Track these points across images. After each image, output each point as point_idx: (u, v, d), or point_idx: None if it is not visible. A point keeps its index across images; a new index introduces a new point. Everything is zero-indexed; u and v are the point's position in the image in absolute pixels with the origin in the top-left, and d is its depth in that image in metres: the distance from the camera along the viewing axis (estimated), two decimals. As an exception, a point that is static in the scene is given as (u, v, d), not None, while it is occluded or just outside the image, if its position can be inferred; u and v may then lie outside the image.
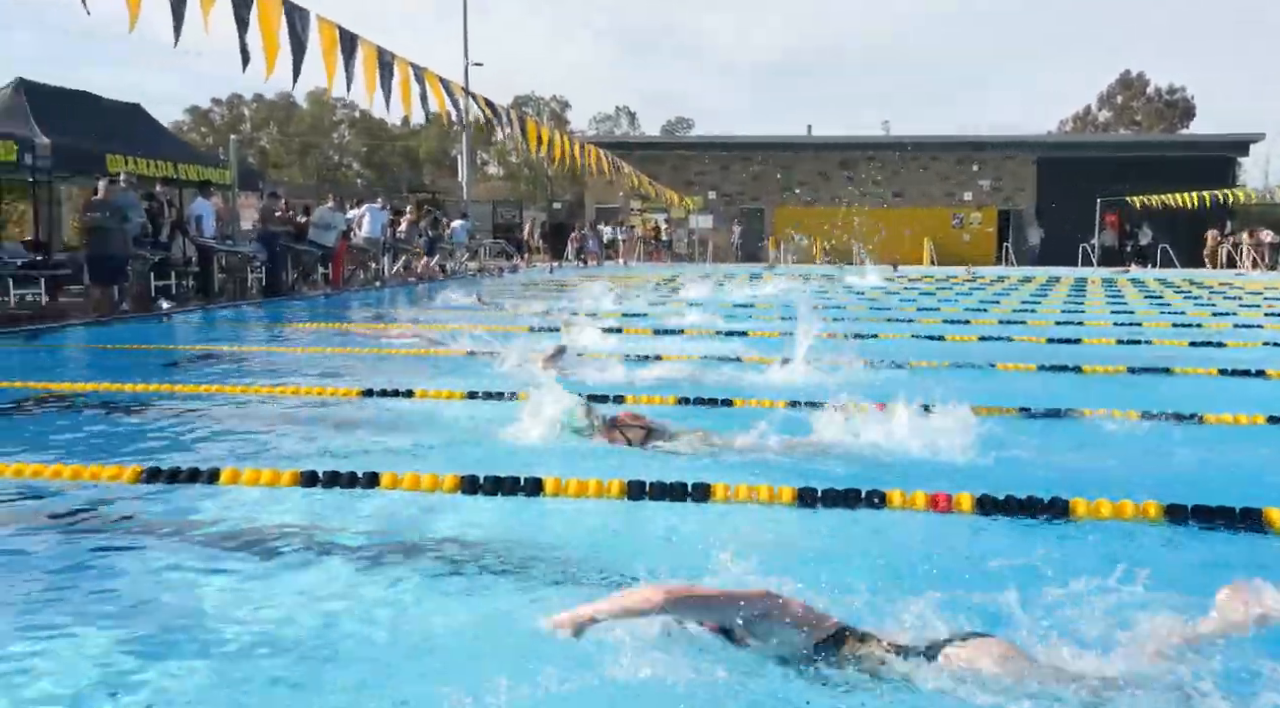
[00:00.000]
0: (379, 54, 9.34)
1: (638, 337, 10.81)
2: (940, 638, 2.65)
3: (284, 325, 12.28)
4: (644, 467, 4.84)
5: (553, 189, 61.39)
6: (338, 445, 5.65)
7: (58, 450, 5.39)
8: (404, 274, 21.70)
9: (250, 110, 66.81)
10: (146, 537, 4.13)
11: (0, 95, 15.07)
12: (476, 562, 3.72)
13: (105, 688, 2.76)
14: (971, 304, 16.63)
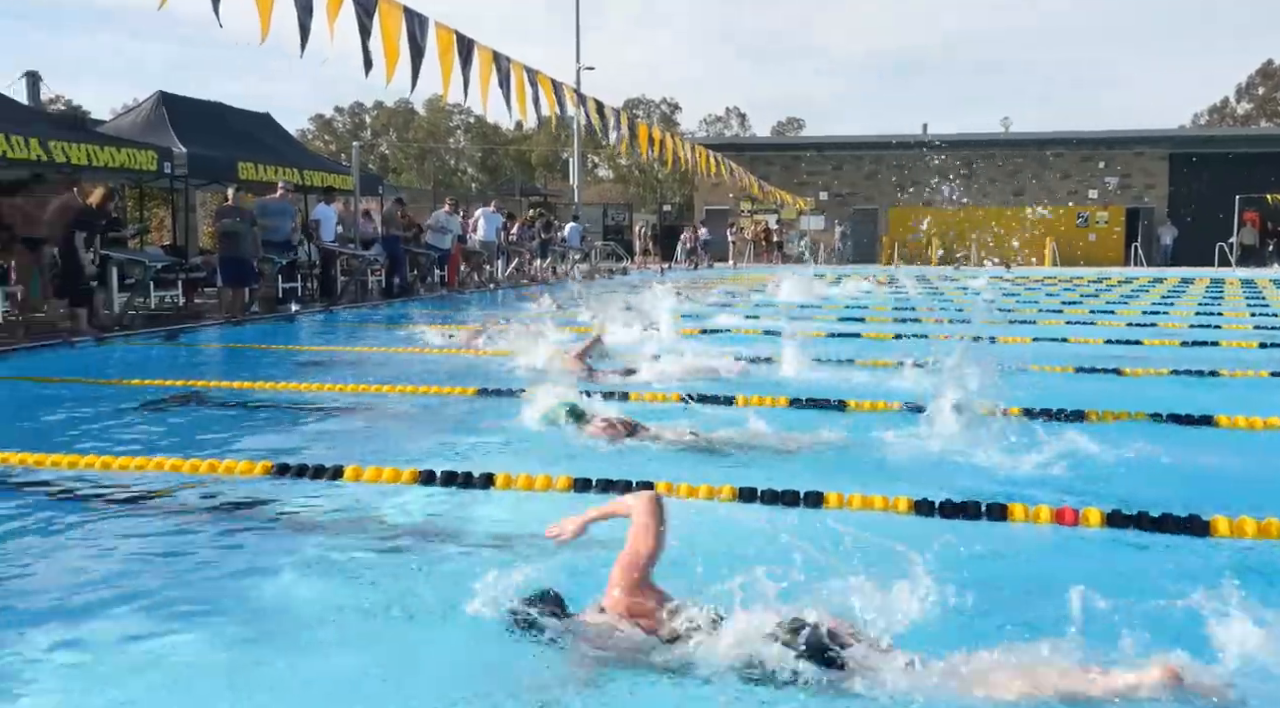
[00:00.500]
0: (494, 59, 9.52)
1: (748, 336, 10.73)
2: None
3: (403, 326, 12.62)
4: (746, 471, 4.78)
5: (662, 192, 61.59)
6: (455, 444, 5.77)
7: (194, 446, 5.64)
8: (516, 276, 22.06)
9: (370, 117, 69.10)
10: (275, 528, 4.28)
11: (143, 108, 15.95)
12: (590, 561, 3.72)
13: (233, 669, 2.86)
14: (1098, 305, 15.96)
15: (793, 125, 70.45)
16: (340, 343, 10.86)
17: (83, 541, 4.11)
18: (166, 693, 2.79)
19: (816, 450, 5.36)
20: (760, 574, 2.79)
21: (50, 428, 6.28)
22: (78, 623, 3.19)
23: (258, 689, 2.80)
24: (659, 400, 6.66)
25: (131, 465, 5.07)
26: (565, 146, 52.92)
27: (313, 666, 2.94)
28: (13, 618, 3.25)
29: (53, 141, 11.80)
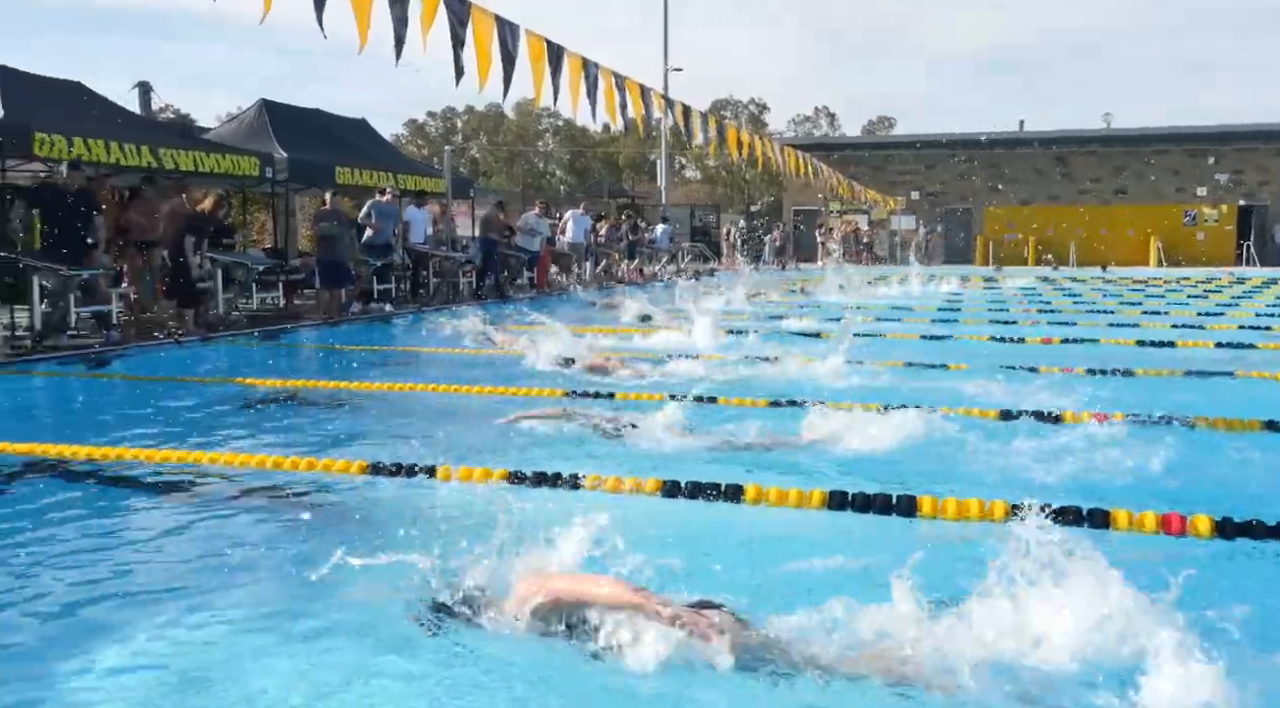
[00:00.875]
0: (583, 64, 9.60)
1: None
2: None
3: (496, 327, 12.81)
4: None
5: (750, 193, 61.27)
6: (543, 444, 5.83)
7: (292, 443, 5.82)
8: (604, 278, 22.21)
9: (462, 121, 70.37)
10: (369, 525, 4.39)
11: (246, 115, 16.54)
12: (668, 566, 3.72)
13: (320, 659, 2.94)
14: (1207, 307, 15.32)
15: (883, 124, 69.35)
16: (431, 344, 11.05)
17: (185, 533, 4.28)
18: (259, 682, 2.88)
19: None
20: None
21: (158, 424, 6.55)
22: (179, 611, 3.32)
23: (345, 683, 2.87)
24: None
25: (236, 461, 5.26)
26: (653, 148, 53.07)
27: (405, 664, 3.00)
28: (118, 606, 3.40)
29: (162, 148, 12.32)
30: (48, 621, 3.33)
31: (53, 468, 5.30)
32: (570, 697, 2.79)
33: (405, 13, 6.38)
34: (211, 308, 12.53)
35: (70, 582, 3.66)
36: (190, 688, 2.84)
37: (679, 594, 3.03)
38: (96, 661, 2.99)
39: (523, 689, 2.81)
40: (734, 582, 3.43)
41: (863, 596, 2.98)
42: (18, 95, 11.30)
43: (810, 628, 2.88)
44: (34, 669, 2.94)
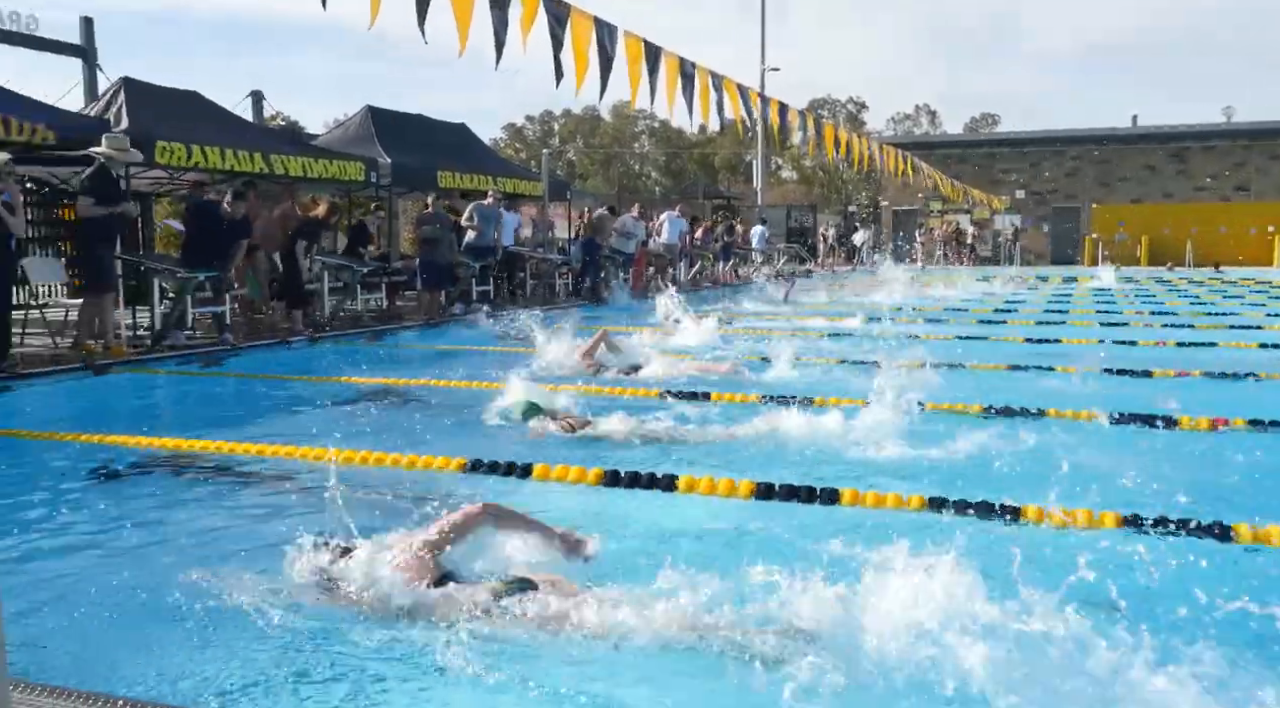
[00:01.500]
0: (680, 65, 9.59)
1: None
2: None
3: (594, 328, 12.90)
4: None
5: (847, 193, 60.42)
6: (639, 445, 5.83)
7: (392, 440, 5.94)
8: (699, 280, 22.16)
9: (559, 125, 71.15)
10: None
11: (352, 122, 17.02)
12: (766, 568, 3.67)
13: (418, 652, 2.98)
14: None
15: (987, 121, 67.55)
16: (528, 343, 11.15)
17: (284, 520, 4.40)
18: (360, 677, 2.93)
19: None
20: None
21: (267, 420, 6.78)
22: (274, 591, 3.42)
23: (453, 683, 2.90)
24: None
25: (340, 457, 5.40)
26: (749, 149, 52.77)
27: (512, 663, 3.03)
28: (223, 593, 3.51)
29: (273, 155, 12.75)
30: (162, 598, 3.45)
31: (167, 461, 5.52)
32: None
33: (506, 16, 6.47)
34: (318, 309, 12.93)
35: (180, 566, 3.80)
36: (290, 677, 2.91)
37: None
38: (207, 639, 3.10)
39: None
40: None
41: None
42: (141, 106, 11.85)
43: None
44: (149, 645, 3.06)
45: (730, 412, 6.47)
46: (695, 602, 3.12)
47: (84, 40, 16.31)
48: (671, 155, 69.35)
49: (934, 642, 2.71)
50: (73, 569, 3.84)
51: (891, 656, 2.73)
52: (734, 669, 2.86)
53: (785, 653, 2.87)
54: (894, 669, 2.69)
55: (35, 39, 15.56)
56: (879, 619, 2.84)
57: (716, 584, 3.23)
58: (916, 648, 2.71)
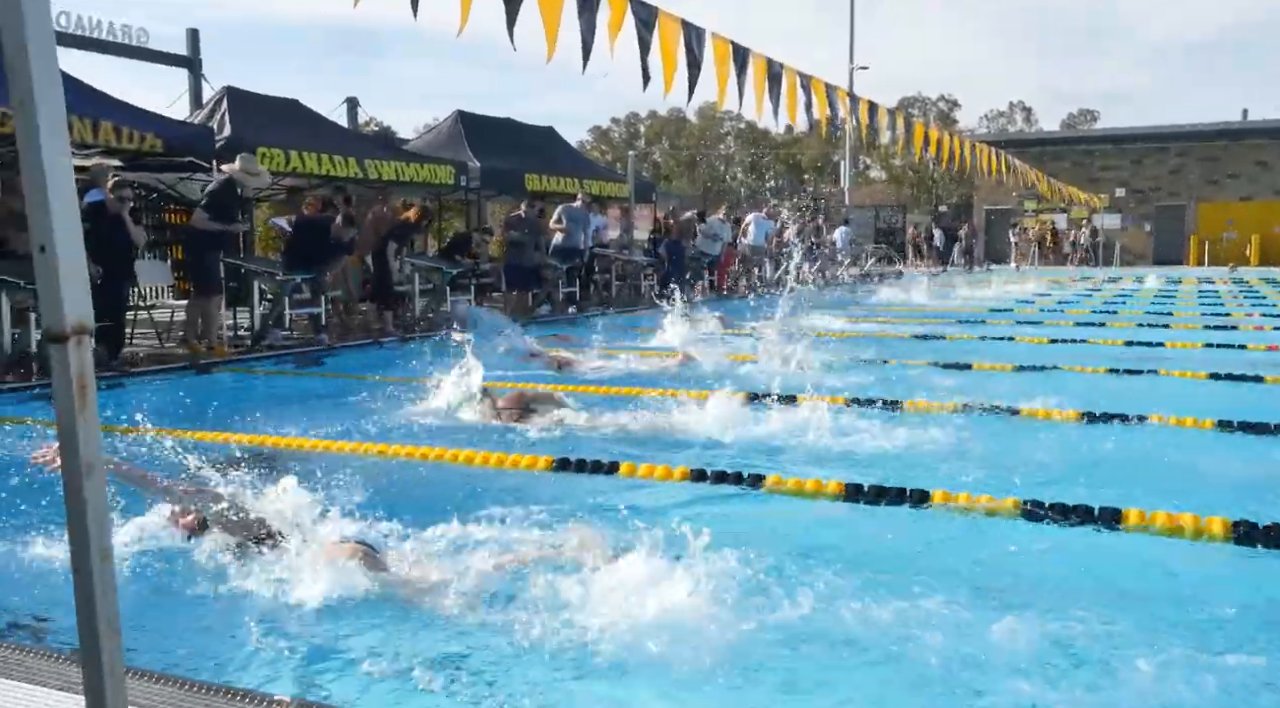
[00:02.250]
0: (768, 65, 9.50)
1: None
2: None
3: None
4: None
5: (938, 192, 59.22)
6: (727, 443, 5.79)
7: (482, 440, 6.01)
8: (784, 281, 21.94)
9: (645, 127, 71.33)
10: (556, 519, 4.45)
11: (443, 126, 17.34)
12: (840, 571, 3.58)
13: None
14: None
15: (1085, 118, 65.48)
16: (613, 344, 11.18)
17: (376, 521, 4.46)
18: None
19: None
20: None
21: (360, 419, 6.91)
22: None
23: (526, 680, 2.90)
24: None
25: (432, 455, 5.49)
26: (836, 149, 52.13)
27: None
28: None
29: (367, 160, 13.07)
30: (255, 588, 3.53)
31: (264, 456, 5.67)
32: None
33: (594, 20, 6.49)
34: (409, 310, 13.19)
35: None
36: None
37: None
38: (306, 631, 3.16)
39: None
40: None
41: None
42: (243, 114, 12.26)
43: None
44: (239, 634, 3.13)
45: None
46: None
47: (190, 51, 16.94)
48: (757, 156, 68.94)
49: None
50: (170, 559, 3.95)
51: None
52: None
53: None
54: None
55: (146, 51, 16.21)
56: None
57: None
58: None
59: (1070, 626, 3.12)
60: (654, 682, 2.81)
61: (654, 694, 2.77)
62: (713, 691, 2.76)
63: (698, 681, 2.78)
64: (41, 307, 1.61)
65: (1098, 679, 2.78)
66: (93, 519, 1.60)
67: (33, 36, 1.52)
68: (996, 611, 3.21)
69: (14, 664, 2.66)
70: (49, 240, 1.56)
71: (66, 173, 1.58)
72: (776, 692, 2.81)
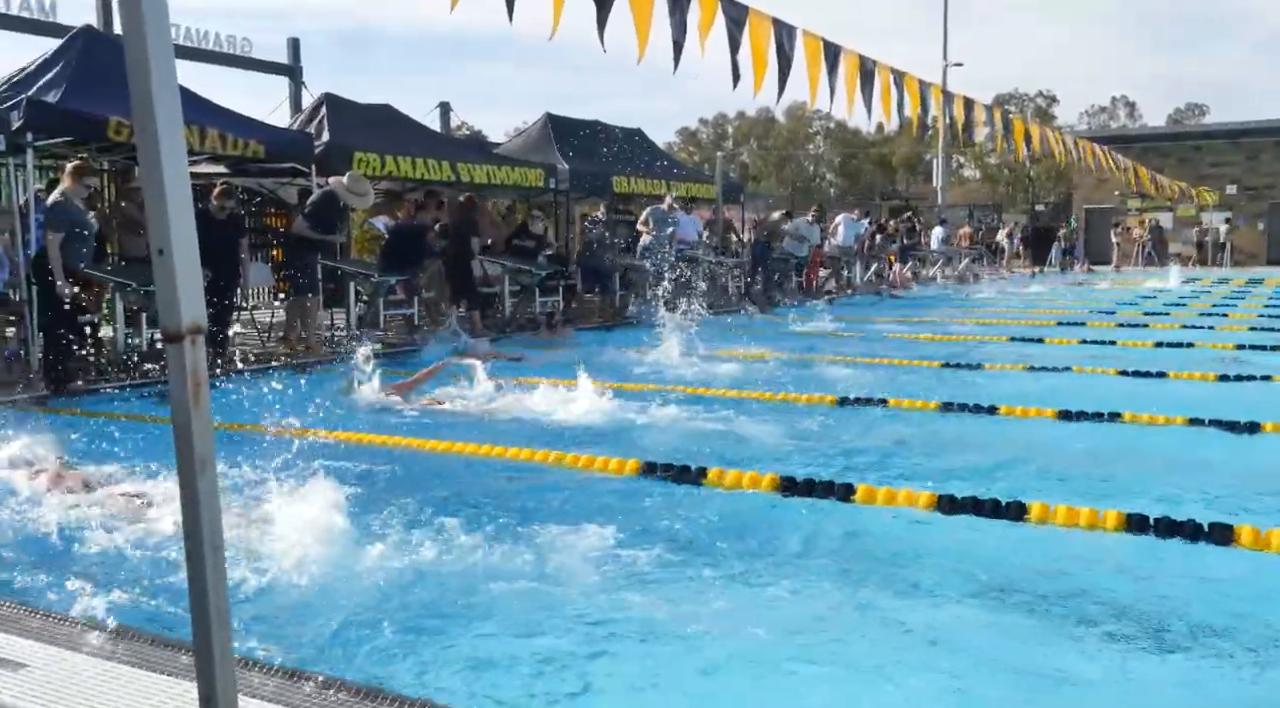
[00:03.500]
0: (860, 63, 9.37)
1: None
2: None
3: (765, 330, 12.82)
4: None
5: (1035, 191, 57.61)
6: (815, 451, 5.72)
7: (565, 441, 6.06)
8: (876, 282, 21.61)
9: (733, 127, 71.09)
10: (637, 523, 4.46)
11: (532, 129, 17.54)
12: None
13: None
14: None
15: (1193, 112, 62.90)
16: (713, 346, 11.14)
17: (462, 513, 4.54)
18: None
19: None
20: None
21: (444, 415, 7.04)
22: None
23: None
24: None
25: (521, 455, 5.56)
26: (929, 148, 51.14)
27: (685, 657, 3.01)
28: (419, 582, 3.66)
29: (460, 163, 13.30)
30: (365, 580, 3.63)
31: (359, 453, 5.81)
32: None
33: (684, 20, 6.49)
34: (499, 310, 13.38)
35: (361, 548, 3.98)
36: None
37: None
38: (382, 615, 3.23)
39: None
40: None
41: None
42: (340, 119, 12.60)
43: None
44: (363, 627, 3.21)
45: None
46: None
47: (291, 60, 17.49)
48: (847, 156, 68.08)
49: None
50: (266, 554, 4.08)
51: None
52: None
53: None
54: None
55: (250, 60, 16.80)
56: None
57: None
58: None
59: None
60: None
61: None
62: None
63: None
64: (159, 307, 1.68)
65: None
66: (205, 513, 1.66)
67: (154, 53, 1.59)
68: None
69: (130, 652, 2.78)
70: (167, 244, 1.62)
71: (183, 180, 1.65)
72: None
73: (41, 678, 2.57)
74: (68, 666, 2.66)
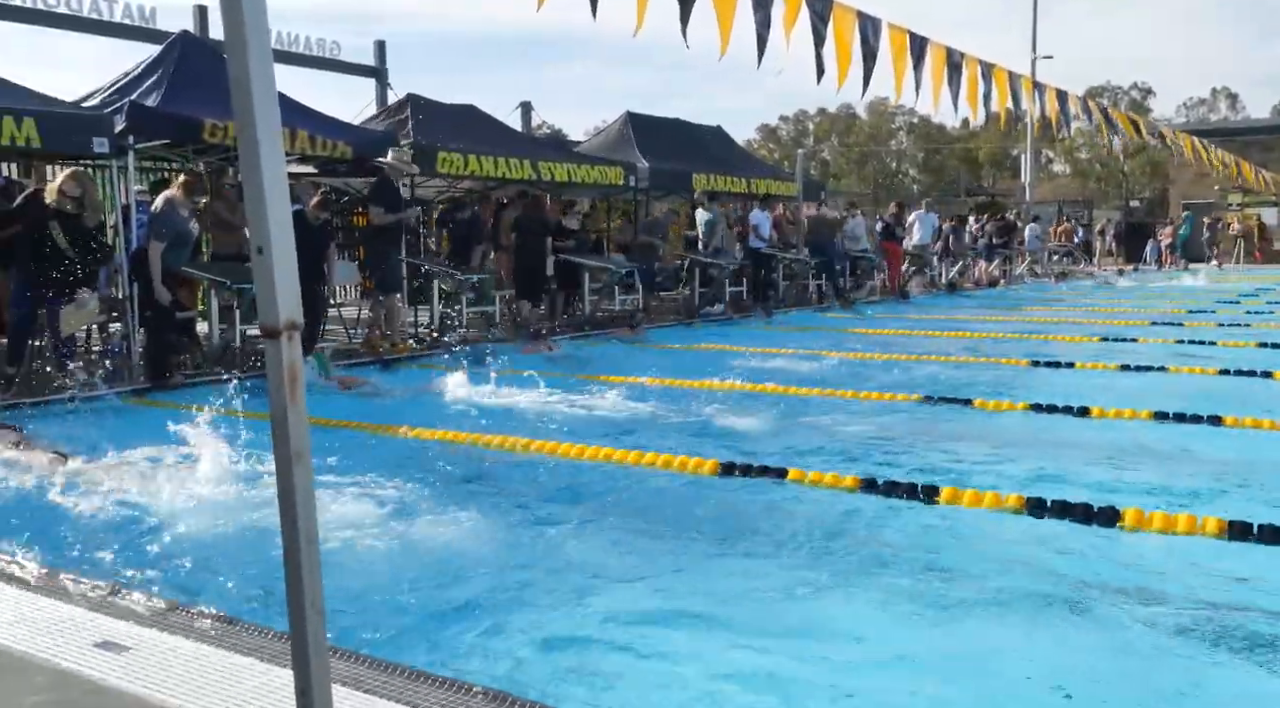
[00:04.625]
0: (948, 55, 9.18)
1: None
2: None
3: (816, 329, 12.68)
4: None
5: (1129, 186, 55.78)
6: (902, 453, 5.63)
7: (633, 435, 6.07)
8: (960, 280, 21.16)
9: (814, 124, 70.37)
10: (720, 525, 4.45)
11: (612, 128, 17.60)
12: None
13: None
14: None
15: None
16: (773, 344, 11.04)
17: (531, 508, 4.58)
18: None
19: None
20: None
21: (522, 415, 7.10)
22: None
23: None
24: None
25: (586, 454, 5.59)
26: (1016, 142, 49.89)
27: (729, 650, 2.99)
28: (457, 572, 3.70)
29: (541, 162, 13.42)
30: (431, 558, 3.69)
31: (444, 450, 5.91)
32: None
33: (769, 15, 6.44)
34: (579, 308, 13.48)
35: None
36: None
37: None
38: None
39: None
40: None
41: None
42: (425, 120, 12.81)
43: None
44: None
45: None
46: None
47: (377, 62, 17.86)
48: (931, 151, 66.83)
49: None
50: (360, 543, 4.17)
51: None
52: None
53: None
54: None
55: (339, 63, 17.20)
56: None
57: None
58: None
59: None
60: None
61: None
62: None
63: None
64: (258, 304, 1.73)
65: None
66: (301, 504, 1.70)
67: (254, 59, 1.63)
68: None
69: (228, 636, 2.87)
70: (266, 243, 1.67)
71: (282, 182, 1.69)
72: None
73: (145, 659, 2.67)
74: (168, 647, 2.76)
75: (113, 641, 2.80)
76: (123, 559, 3.88)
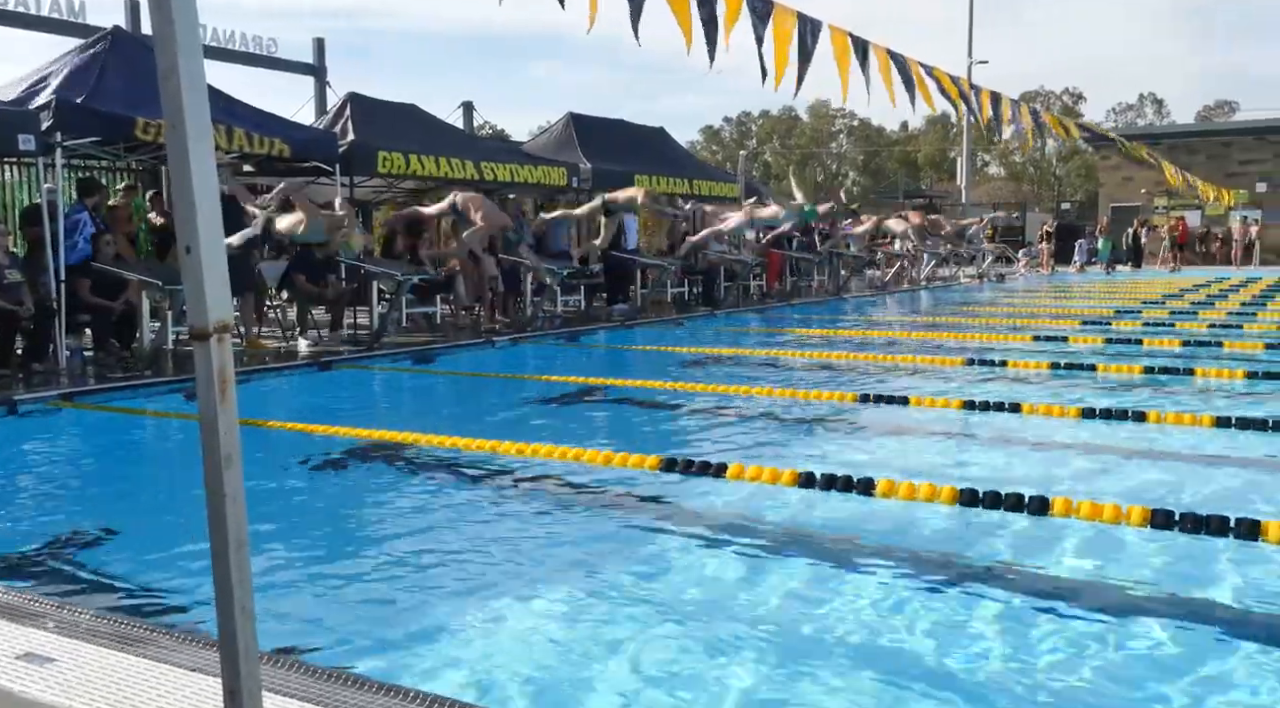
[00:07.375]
0: (889, 58, 9.30)
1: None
2: None
3: (774, 330, 12.79)
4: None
5: (1061, 189, 57.18)
6: (835, 449, 5.70)
7: (585, 437, 6.06)
8: (892, 283, 21.52)
9: (756, 126, 71.00)
10: (663, 519, 4.47)
11: (555, 128, 17.56)
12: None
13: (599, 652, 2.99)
14: None
15: (1223, 109, 62.27)
16: (719, 344, 11.14)
17: (485, 512, 4.56)
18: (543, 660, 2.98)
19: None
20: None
21: (468, 415, 7.06)
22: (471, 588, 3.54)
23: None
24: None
25: (541, 452, 5.56)
26: (953, 145, 50.85)
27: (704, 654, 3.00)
28: (418, 581, 3.67)
29: (484, 162, 13.35)
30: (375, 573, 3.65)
31: (380, 450, 5.85)
32: None
33: (714, 13, 6.47)
34: (520, 309, 13.41)
35: (391, 546, 4.01)
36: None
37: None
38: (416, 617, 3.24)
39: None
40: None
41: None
42: (365, 119, 12.67)
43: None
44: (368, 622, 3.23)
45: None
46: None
47: (315, 60, 17.59)
48: (871, 154, 67.82)
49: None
50: (292, 546, 4.11)
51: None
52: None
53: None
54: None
55: (276, 60, 16.90)
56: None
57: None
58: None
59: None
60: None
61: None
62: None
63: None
64: (187, 305, 1.69)
65: None
66: (231, 509, 1.67)
67: (183, 54, 1.60)
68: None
69: (152, 645, 2.80)
70: (195, 242, 1.63)
71: (211, 180, 1.66)
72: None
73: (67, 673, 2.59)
74: (93, 658, 2.68)
75: (35, 652, 2.71)
76: (48, 569, 3.77)
